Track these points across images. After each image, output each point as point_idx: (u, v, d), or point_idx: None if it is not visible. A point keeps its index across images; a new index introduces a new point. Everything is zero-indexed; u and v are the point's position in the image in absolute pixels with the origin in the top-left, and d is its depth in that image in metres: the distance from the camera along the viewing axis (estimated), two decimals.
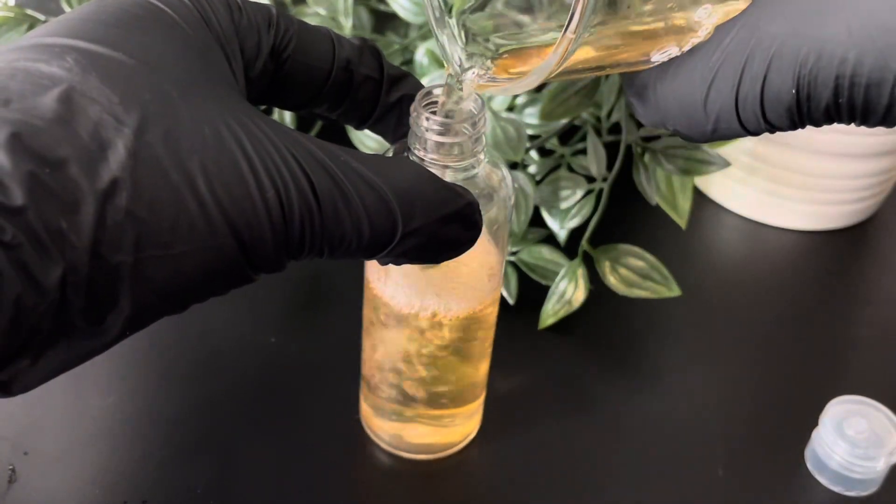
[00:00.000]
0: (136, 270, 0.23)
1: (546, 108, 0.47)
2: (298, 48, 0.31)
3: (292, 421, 0.43)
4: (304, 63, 0.31)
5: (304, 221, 0.26)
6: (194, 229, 0.24)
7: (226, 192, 0.24)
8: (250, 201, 0.25)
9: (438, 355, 0.38)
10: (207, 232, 0.24)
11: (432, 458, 0.42)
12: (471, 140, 0.31)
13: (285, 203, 0.25)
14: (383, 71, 0.33)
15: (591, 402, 0.45)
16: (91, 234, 0.22)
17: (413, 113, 0.31)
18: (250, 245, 0.25)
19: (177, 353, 0.46)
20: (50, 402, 0.42)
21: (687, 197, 0.48)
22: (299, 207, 0.25)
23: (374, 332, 0.38)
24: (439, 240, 0.29)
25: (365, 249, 0.27)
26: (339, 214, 0.26)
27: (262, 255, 0.25)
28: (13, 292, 0.21)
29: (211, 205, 0.24)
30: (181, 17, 0.27)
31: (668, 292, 0.46)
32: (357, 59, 0.32)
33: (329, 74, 0.32)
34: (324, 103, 0.32)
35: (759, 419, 0.45)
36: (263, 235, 0.25)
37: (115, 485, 0.39)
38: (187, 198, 0.24)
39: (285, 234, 0.25)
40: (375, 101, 0.33)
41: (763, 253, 0.56)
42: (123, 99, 0.24)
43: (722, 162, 0.45)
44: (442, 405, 0.40)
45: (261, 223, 0.25)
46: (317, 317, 0.48)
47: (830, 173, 0.53)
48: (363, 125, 0.34)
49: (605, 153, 0.48)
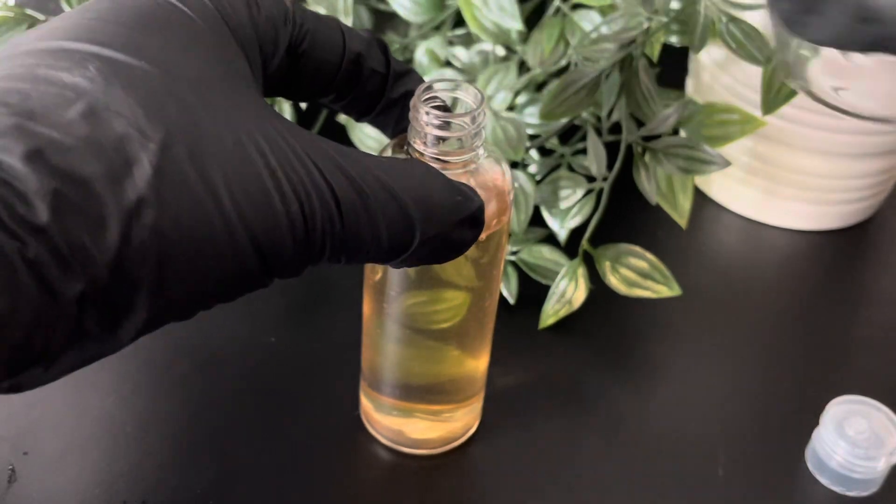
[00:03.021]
0: (157, 284, 0.23)
1: (546, 107, 0.47)
2: (311, 43, 0.30)
3: (292, 420, 0.43)
4: (316, 57, 0.31)
5: (325, 231, 0.25)
6: (217, 245, 0.24)
7: (250, 206, 0.24)
8: (274, 215, 0.24)
9: (439, 349, 0.38)
10: (230, 247, 0.24)
11: (433, 452, 0.42)
12: (470, 134, 0.31)
13: (308, 215, 0.25)
14: (389, 66, 0.33)
15: (591, 402, 0.45)
16: (115, 252, 0.22)
17: (413, 107, 0.31)
18: (270, 256, 0.25)
19: (177, 352, 0.46)
20: (50, 402, 0.42)
21: (687, 196, 0.48)
22: (321, 218, 0.25)
23: (374, 327, 0.38)
24: (450, 243, 0.29)
25: (382, 256, 0.27)
26: (360, 223, 0.26)
27: (281, 265, 0.25)
28: (32, 307, 0.21)
29: (235, 220, 0.24)
30: (199, 16, 0.27)
31: (668, 292, 0.46)
32: (366, 52, 0.32)
33: (339, 68, 0.31)
34: (330, 94, 0.32)
35: (759, 419, 0.45)
36: (285, 247, 0.25)
37: (115, 485, 0.39)
38: (212, 213, 0.24)
39: (307, 244, 0.25)
40: (380, 95, 0.33)
41: (763, 253, 0.56)
42: (147, 112, 0.24)
43: (722, 161, 0.45)
44: (442, 400, 0.40)
45: (283, 236, 0.25)
46: (317, 317, 0.48)
47: (830, 173, 0.53)
48: (364, 118, 0.34)
49: (606, 153, 0.48)
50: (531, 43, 0.53)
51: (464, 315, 0.37)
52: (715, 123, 0.48)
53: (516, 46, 0.54)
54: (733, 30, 0.46)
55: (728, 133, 0.48)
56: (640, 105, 0.48)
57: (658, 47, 0.50)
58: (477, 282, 0.36)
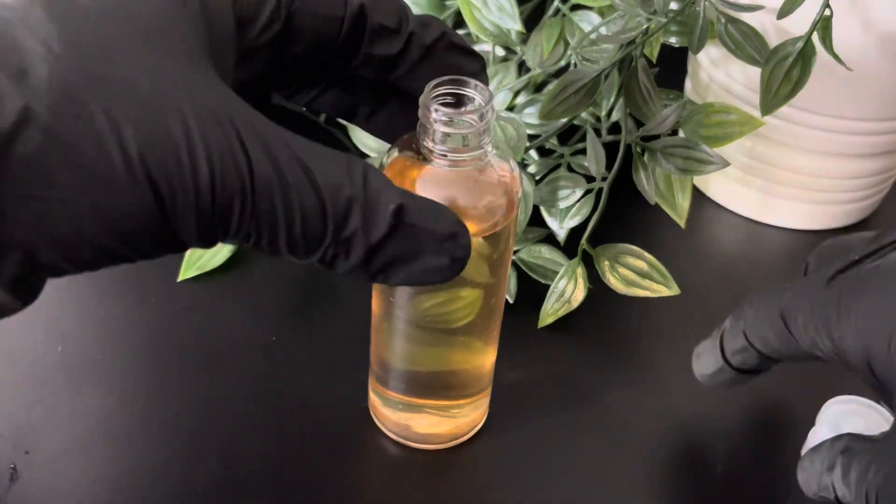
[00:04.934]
0: (42, 209, 0.22)
1: (546, 107, 0.47)
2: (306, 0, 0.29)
3: (296, 417, 0.43)
4: (314, 15, 0.29)
5: (233, 200, 0.24)
6: (112, 180, 0.23)
7: (152, 148, 0.23)
8: (178, 165, 0.23)
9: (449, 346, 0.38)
10: (127, 185, 0.23)
11: (440, 447, 0.42)
12: (479, 132, 0.32)
13: (217, 177, 0.24)
14: (405, 21, 0.31)
15: (590, 401, 0.45)
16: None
17: (421, 104, 0.31)
18: (171, 209, 0.24)
19: (177, 352, 0.46)
20: (50, 402, 0.43)
21: (686, 196, 0.48)
22: (231, 186, 0.24)
23: (384, 325, 0.38)
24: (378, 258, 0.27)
25: (297, 247, 0.26)
26: (274, 202, 0.25)
27: (185, 224, 0.24)
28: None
29: (135, 158, 0.23)
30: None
31: (667, 291, 0.46)
32: (372, 3, 0.30)
33: (342, 23, 0.30)
34: (335, 59, 0.30)
35: (757, 418, 0.45)
36: (187, 202, 0.24)
37: (115, 484, 0.39)
38: (110, 145, 0.22)
39: (211, 207, 0.24)
40: (392, 59, 0.31)
41: (762, 252, 0.56)
42: (61, 32, 0.23)
43: (721, 161, 0.46)
44: (450, 395, 0.40)
45: (186, 189, 0.23)
46: (317, 316, 0.48)
47: (829, 173, 0.53)
48: (377, 113, 0.33)
49: (605, 153, 0.48)
50: (531, 43, 0.53)
51: (477, 311, 0.37)
52: (714, 123, 0.48)
53: (516, 47, 0.54)
54: (732, 30, 0.46)
55: (727, 133, 0.48)
56: (640, 105, 0.48)
57: (657, 48, 0.50)
58: (490, 278, 0.37)
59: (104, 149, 0.22)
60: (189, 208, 0.24)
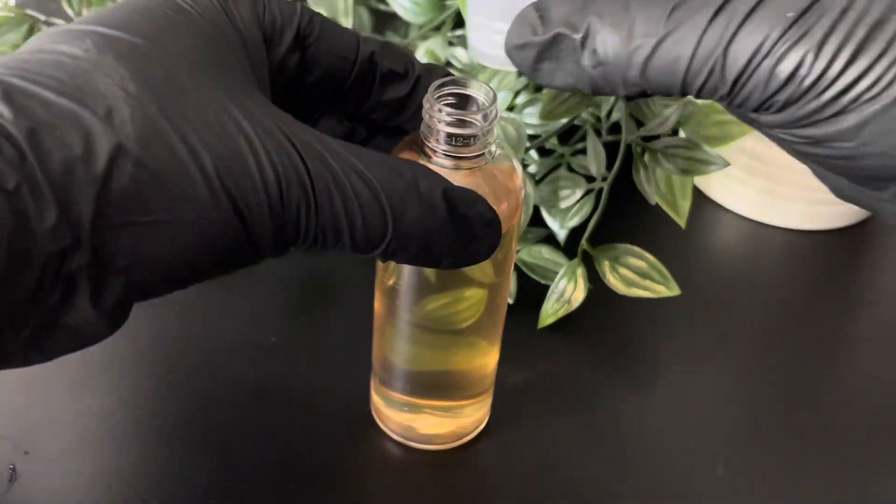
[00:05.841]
0: (140, 234, 0.24)
1: (546, 107, 0.47)
2: (322, 35, 0.31)
3: (294, 419, 0.43)
4: (326, 51, 0.32)
5: (300, 206, 0.26)
6: (198, 200, 0.25)
7: (227, 167, 0.25)
8: (251, 180, 0.25)
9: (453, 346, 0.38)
10: (211, 203, 0.25)
11: (443, 448, 0.42)
12: (482, 132, 0.32)
13: (283, 186, 0.26)
14: (411, 66, 0.33)
15: (591, 401, 0.45)
16: (94, 196, 0.23)
17: (426, 104, 0.31)
18: (250, 221, 0.26)
19: (177, 352, 0.46)
20: (50, 402, 0.43)
21: (687, 197, 0.48)
22: (297, 193, 0.26)
23: (387, 325, 0.38)
24: (435, 245, 0.29)
25: (360, 245, 0.28)
26: (335, 204, 0.27)
27: (262, 234, 0.26)
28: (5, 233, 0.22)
29: (214, 178, 0.25)
30: (202, 10, 0.28)
31: (667, 292, 0.46)
32: (381, 51, 0.33)
33: (352, 66, 0.32)
34: (346, 102, 0.33)
35: (757, 418, 0.45)
36: (263, 215, 0.26)
37: (115, 484, 0.39)
38: (191, 169, 0.24)
39: (283, 218, 0.26)
40: (401, 105, 0.34)
41: (763, 253, 0.56)
42: (134, 75, 0.25)
43: (721, 162, 0.46)
44: (453, 396, 0.40)
45: (261, 203, 0.26)
46: (317, 316, 0.48)
47: None
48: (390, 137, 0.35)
49: (605, 153, 0.48)
50: None
51: (482, 312, 0.37)
52: (714, 124, 0.48)
53: None
54: None
55: (727, 133, 0.48)
56: (640, 105, 0.48)
57: None
58: (495, 278, 0.37)
59: (187, 173, 0.24)
60: (264, 218, 0.26)
